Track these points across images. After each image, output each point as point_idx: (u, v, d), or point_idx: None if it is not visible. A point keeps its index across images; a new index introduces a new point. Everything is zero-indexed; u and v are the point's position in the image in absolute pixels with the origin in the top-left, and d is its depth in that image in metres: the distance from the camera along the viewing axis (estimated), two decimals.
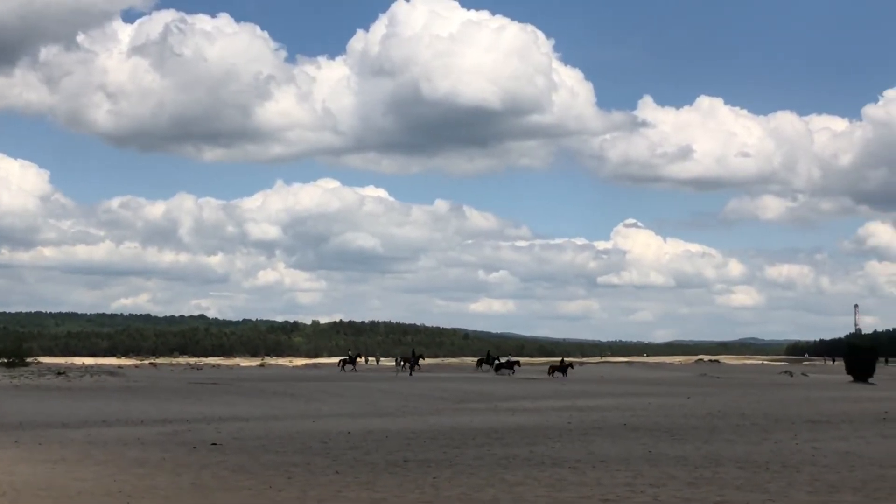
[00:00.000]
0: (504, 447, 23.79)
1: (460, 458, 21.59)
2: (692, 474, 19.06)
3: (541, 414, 35.11)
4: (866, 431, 27.55)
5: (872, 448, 23.45)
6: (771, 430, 28.06)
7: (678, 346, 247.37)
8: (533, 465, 20.55)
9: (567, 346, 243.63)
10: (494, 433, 27.30)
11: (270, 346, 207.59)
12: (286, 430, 28.77)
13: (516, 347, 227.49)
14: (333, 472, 19.61)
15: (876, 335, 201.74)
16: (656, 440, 25.38)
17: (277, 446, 24.11)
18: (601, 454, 22.26)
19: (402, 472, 19.63)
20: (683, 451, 22.81)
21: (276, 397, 45.53)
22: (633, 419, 32.07)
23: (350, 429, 28.70)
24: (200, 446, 23.98)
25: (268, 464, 20.83)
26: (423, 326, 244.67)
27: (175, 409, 37.67)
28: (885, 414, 33.79)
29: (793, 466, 20.09)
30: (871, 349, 75.40)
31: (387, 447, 23.83)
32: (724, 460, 21.15)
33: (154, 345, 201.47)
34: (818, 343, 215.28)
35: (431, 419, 32.90)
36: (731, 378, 75.87)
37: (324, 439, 25.70)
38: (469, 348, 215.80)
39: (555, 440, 25.39)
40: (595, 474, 19.11)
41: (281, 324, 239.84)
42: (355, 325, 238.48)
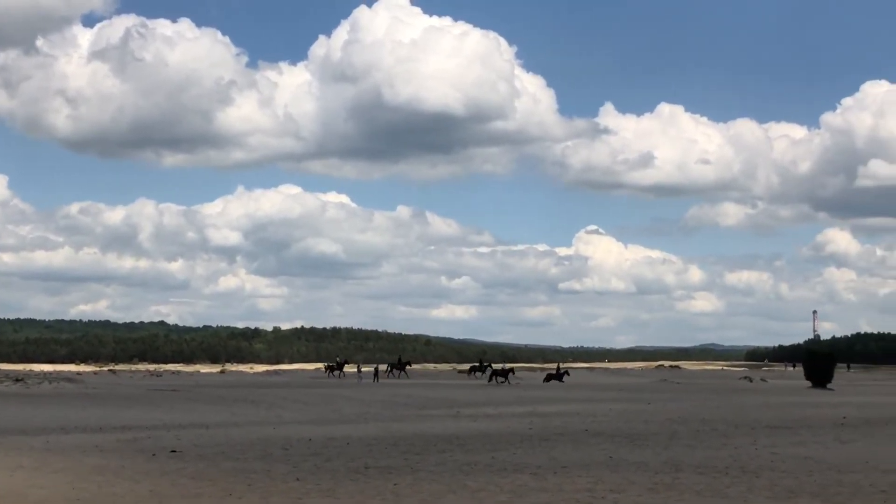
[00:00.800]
0: (465, 453, 23.79)
1: (422, 465, 21.57)
2: (652, 480, 19.14)
3: (502, 420, 35.14)
4: (825, 437, 27.77)
5: (831, 453, 23.65)
6: (730, 436, 28.22)
7: (639, 352, 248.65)
8: (494, 471, 20.57)
9: (529, 352, 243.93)
10: (456, 439, 27.29)
11: (231, 352, 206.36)
12: (247, 436, 28.64)
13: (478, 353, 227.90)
14: (294, 478, 19.54)
15: (834, 341, 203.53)
16: (617, 446, 25.47)
17: (238, 453, 23.99)
18: (562, 460, 22.32)
19: (363, 478, 19.59)
20: (644, 457, 22.90)
21: (236, 404, 45.32)
22: (594, 425, 32.16)
23: (311, 435, 28.60)
24: (160, 453, 23.82)
25: (228, 471, 20.72)
26: (385, 333, 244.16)
27: (134, 415, 37.41)
28: (844, 419, 34.08)
29: (752, 471, 20.23)
30: (829, 355, 76.04)
31: (348, 454, 23.77)
32: (684, 466, 21.26)
33: (113, 351, 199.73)
34: (777, 349, 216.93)
35: (393, 426, 32.85)
36: (691, 384, 76.28)
37: (285, 446, 25.60)
38: (431, 354, 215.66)
39: (516, 446, 25.42)
40: (556, 480, 19.15)
41: (242, 330, 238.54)
42: (317, 331, 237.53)
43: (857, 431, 29.40)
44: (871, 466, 20.91)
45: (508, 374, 74.73)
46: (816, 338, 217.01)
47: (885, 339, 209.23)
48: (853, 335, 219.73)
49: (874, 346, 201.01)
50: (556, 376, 75.47)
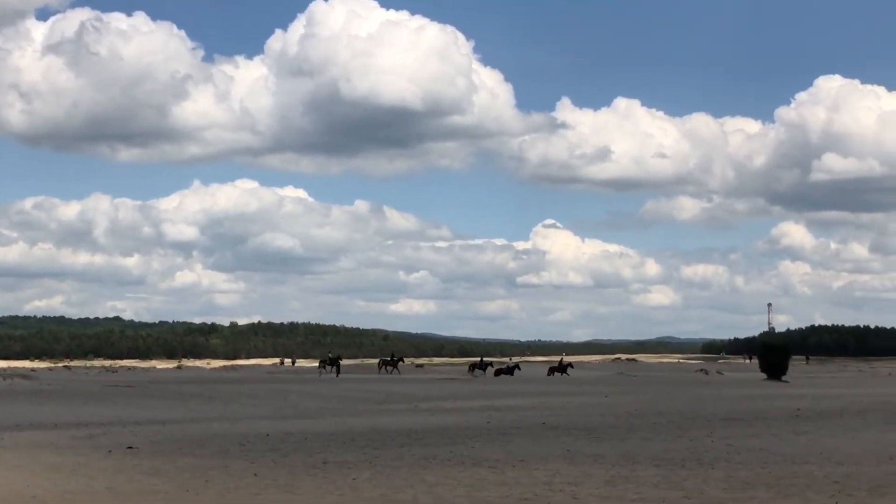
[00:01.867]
0: (424, 448, 23.81)
1: (380, 459, 21.56)
2: (609, 472, 19.24)
3: (460, 414, 35.18)
4: (779, 429, 28.01)
5: (785, 445, 23.87)
6: (686, 428, 28.41)
7: (596, 346, 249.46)
8: (453, 465, 20.60)
9: (487, 347, 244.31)
10: (414, 434, 27.30)
11: (187, 348, 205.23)
12: (203, 432, 28.49)
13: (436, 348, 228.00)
14: (252, 474, 19.47)
15: (789, 333, 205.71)
16: (574, 439, 25.57)
17: (195, 449, 23.87)
18: (520, 453, 22.38)
19: (321, 473, 19.55)
20: (601, 450, 23.01)
21: (193, 400, 45.08)
22: (552, 418, 32.27)
23: (268, 431, 28.50)
24: (116, 450, 23.65)
25: (185, 467, 20.61)
26: (342, 327, 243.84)
27: (90, 412, 37.11)
28: (798, 411, 34.40)
29: (708, 463, 20.38)
30: (783, 347, 76.65)
31: (306, 449, 23.72)
32: (640, 458, 21.38)
33: (68, 347, 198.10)
34: (732, 341, 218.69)
35: (351, 420, 32.80)
36: (648, 377, 76.69)
37: (242, 442, 25.50)
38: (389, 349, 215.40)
39: (474, 440, 25.46)
40: (514, 473, 19.21)
41: (198, 325, 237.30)
42: (274, 326, 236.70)
43: (811, 423, 29.69)
44: (825, 458, 21.13)
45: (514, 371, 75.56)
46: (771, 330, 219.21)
47: (839, 332, 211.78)
48: (807, 328, 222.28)
49: (828, 339, 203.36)
50: (559, 369, 76.73)
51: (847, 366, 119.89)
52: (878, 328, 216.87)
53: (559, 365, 78.44)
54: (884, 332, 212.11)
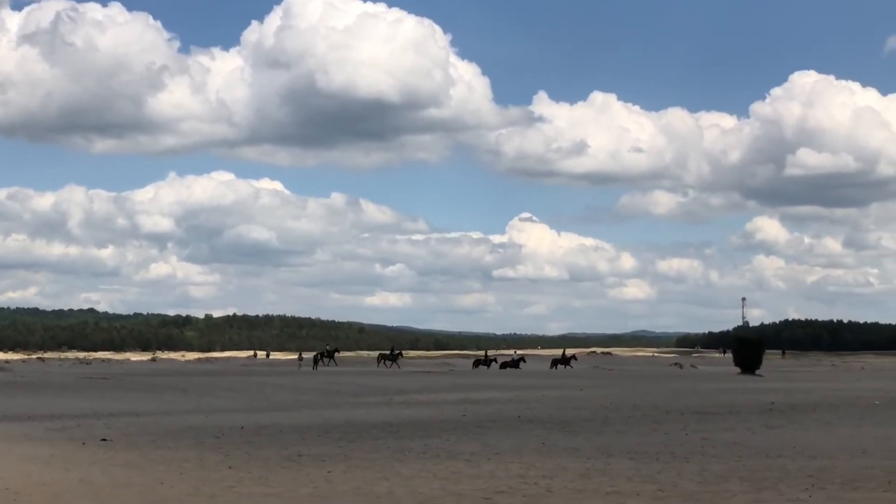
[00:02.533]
0: (399, 440, 23.82)
1: (355, 452, 21.56)
2: (584, 465, 19.30)
3: (436, 407, 35.21)
4: (753, 422, 28.16)
5: (759, 438, 24.00)
6: (661, 422, 28.53)
7: (571, 339, 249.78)
8: (428, 458, 20.61)
9: (463, 339, 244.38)
10: (389, 427, 27.31)
11: (162, 340, 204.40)
12: (178, 425, 28.42)
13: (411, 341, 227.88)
14: (226, 467, 19.43)
15: (763, 328, 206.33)
16: (549, 432, 25.64)
17: (169, 442, 23.81)
18: (495, 446, 22.42)
19: (296, 466, 19.53)
20: (576, 443, 23.08)
21: (167, 392, 44.96)
22: (527, 411, 32.35)
23: (243, 423, 28.46)
24: (90, 442, 23.56)
25: (159, 459, 20.55)
26: (318, 320, 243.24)
27: (64, 404, 36.94)
28: (771, 405, 34.59)
29: (682, 457, 20.47)
30: (757, 341, 76.99)
31: (280, 442, 23.69)
32: (615, 451, 21.46)
33: (42, 339, 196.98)
34: (707, 335, 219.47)
35: (326, 413, 32.78)
36: (623, 370, 76.95)
37: (217, 434, 25.45)
38: (365, 342, 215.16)
39: (450, 433, 25.49)
40: (489, 466, 19.24)
41: (173, 318, 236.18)
42: (249, 318, 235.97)
43: (784, 417, 29.86)
44: (798, 451, 21.26)
45: (519, 364, 77.96)
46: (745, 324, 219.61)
47: (812, 326, 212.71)
48: (781, 322, 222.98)
49: (801, 333, 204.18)
50: (562, 361, 78.56)
51: (820, 360, 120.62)
52: (850, 323, 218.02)
53: (562, 357, 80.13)
54: (856, 327, 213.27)
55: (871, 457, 20.22)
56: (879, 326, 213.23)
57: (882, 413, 31.20)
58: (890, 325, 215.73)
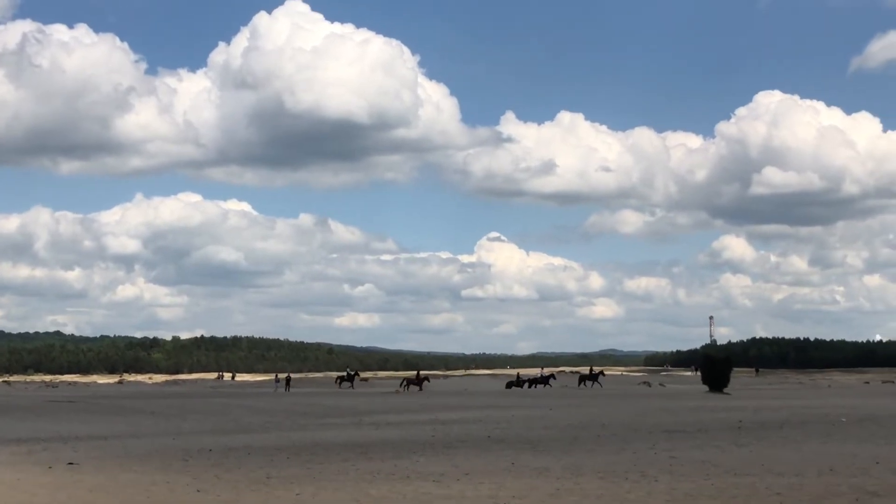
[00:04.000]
0: (368, 462, 23.75)
1: (324, 474, 21.47)
2: (554, 485, 19.30)
3: (405, 428, 35.13)
4: (721, 440, 28.25)
5: (727, 456, 24.07)
6: (630, 441, 28.57)
7: (540, 358, 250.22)
8: (397, 479, 20.56)
9: (432, 360, 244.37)
10: (358, 447, 27.23)
11: (129, 362, 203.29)
12: (145, 448, 28.23)
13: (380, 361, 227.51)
14: (195, 490, 19.31)
15: (730, 346, 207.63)
16: (519, 452, 25.62)
17: (137, 465, 23.64)
18: (465, 467, 22.39)
19: (265, 488, 19.44)
20: (545, 463, 23.08)
21: (135, 415, 44.65)
22: (497, 431, 32.33)
23: (211, 446, 28.29)
24: (57, 466, 23.36)
25: (126, 483, 20.40)
26: (286, 341, 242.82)
27: (30, 427, 36.62)
28: (740, 423, 34.71)
29: (651, 476, 20.50)
30: (725, 360, 77.31)
31: (249, 464, 23.57)
32: (584, 470, 21.47)
33: (7, 362, 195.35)
34: (675, 354, 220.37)
35: (294, 435, 32.64)
36: (592, 389, 77.03)
37: (184, 457, 25.29)
38: (334, 363, 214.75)
39: (419, 454, 25.44)
40: (459, 487, 19.21)
41: (140, 340, 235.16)
42: (217, 340, 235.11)
43: (752, 435, 29.97)
44: (766, 469, 21.34)
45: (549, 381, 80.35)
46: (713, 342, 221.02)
47: (779, 344, 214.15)
48: (748, 340, 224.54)
49: (768, 351, 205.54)
50: (590, 377, 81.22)
51: (787, 378, 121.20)
52: (817, 340, 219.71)
53: (590, 374, 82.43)
54: (823, 345, 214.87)
55: (838, 474, 20.33)
56: (846, 344, 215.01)
57: (849, 430, 31.37)
58: (856, 342, 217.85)
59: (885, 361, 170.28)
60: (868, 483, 18.85)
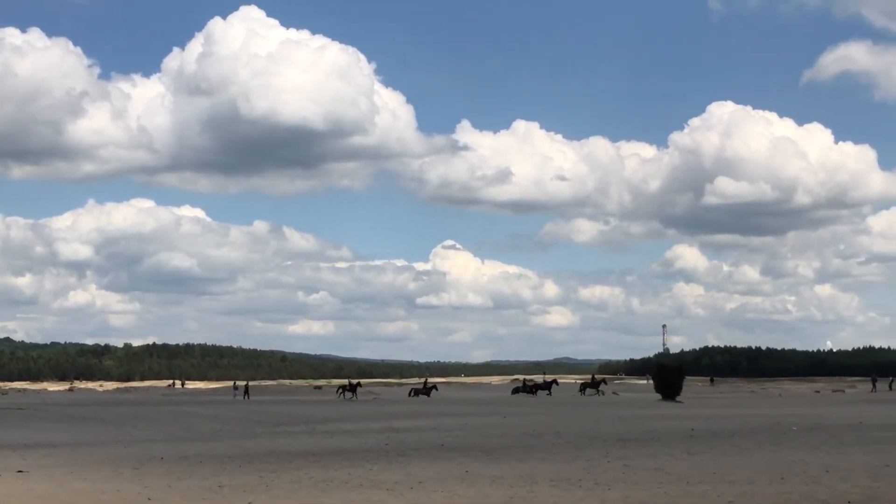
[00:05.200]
0: (322, 470, 23.64)
1: (277, 483, 21.35)
2: (508, 493, 19.30)
3: (359, 436, 35.04)
4: (674, 448, 28.39)
5: (680, 465, 24.18)
6: (584, 449, 28.64)
7: (495, 366, 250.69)
8: (351, 487, 20.48)
9: (386, 367, 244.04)
10: (312, 456, 27.11)
11: (80, 369, 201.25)
12: (96, 456, 27.96)
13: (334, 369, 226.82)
14: (146, 498, 19.14)
15: (683, 354, 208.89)
16: (473, 460, 25.62)
17: (87, 473, 23.40)
18: (419, 475, 22.34)
19: (217, 497, 19.29)
20: (499, 471, 23.08)
21: (85, 422, 44.22)
22: (451, 439, 32.31)
23: (163, 454, 28.06)
24: (6, 474, 23.07)
25: (77, 491, 20.19)
26: (240, 349, 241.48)
27: None
28: (692, 431, 34.91)
29: (605, 484, 20.55)
30: (678, 368, 77.83)
31: (201, 472, 23.39)
32: (538, 478, 21.49)
33: None
34: (628, 362, 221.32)
35: (247, 443, 32.45)
36: (546, 397, 77.23)
37: (136, 465, 25.06)
38: (287, 370, 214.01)
39: (373, 462, 25.37)
40: (412, 496, 19.17)
41: (91, 347, 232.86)
42: (169, 347, 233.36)
43: (704, 443, 30.14)
44: (718, 477, 21.45)
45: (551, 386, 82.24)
46: (666, 351, 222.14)
47: (731, 353, 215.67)
48: (701, 348, 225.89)
49: (720, 360, 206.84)
50: (591, 385, 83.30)
51: (739, 386, 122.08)
52: (768, 349, 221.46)
53: (591, 381, 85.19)
54: (774, 354, 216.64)
55: (789, 482, 20.48)
56: (797, 353, 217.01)
57: (800, 439, 31.63)
58: (807, 351, 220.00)
59: (836, 370, 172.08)
60: (818, 491, 19.01)
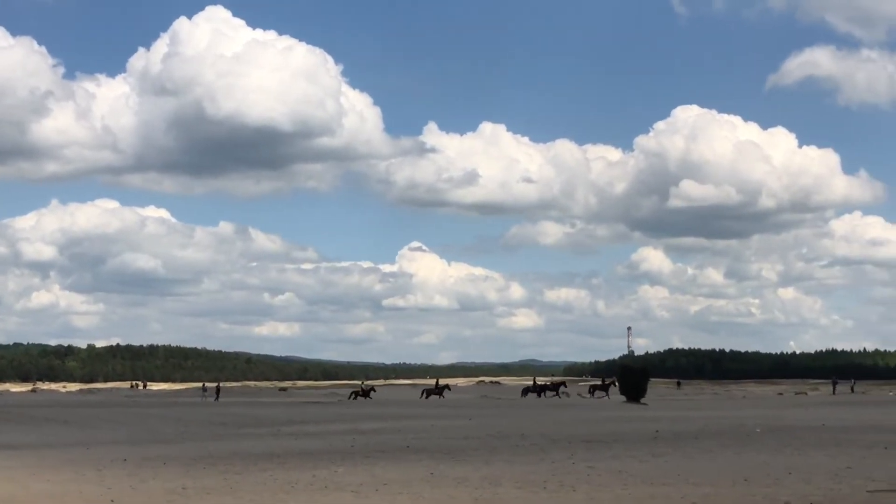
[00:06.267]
0: (286, 472, 23.56)
1: (241, 485, 21.25)
2: (473, 495, 19.30)
3: (323, 438, 34.94)
4: (638, 450, 28.47)
5: (644, 466, 24.26)
6: (548, 450, 28.68)
7: (460, 368, 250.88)
8: (315, 489, 20.42)
9: (352, 369, 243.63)
10: (276, 458, 27.01)
11: (43, 370, 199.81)
12: (59, 457, 27.74)
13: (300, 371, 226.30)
14: (109, 500, 19.00)
15: (647, 356, 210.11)
16: (438, 462, 25.60)
17: (50, 475, 23.20)
18: (383, 477, 22.30)
19: (180, 499, 19.18)
20: (464, 473, 23.08)
21: (47, 424, 43.88)
22: (416, 441, 32.28)
23: (126, 456, 27.87)
24: None
25: (39, 493, 20.02)
26: (204, 350, 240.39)
27: None
28: (656, 433, 35.03)
29: (569, 486, 20.59)
30: (642, 370, 78.20)
31: (164, 474, 23.25)
32: (503, 481, 21.50)
33: None
34: (594, 364, 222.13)
35: (211, 445, 32.29)
36: (512, 399, 77.33)
37: (98, 467, 24.88)
38: (252, 372, 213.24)
39: (337, 464, 25.30)
40: (377, 498, 19.13)
41: (54, 348, 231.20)
42: (133, 348, 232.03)
43: (668, 445, 30.25)
44: (682, 479, 21.54)
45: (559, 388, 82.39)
46: (631, 353, 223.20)
47: (695, 355, 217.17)
48: (665, 351, 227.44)
49: (685, 362, 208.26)
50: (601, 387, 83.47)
51: (703, 388, 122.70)
52: (732, 352, 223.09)
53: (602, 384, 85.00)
54: (738, 356, 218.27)
55: (752, 484, 20.59)
56: (760, 355, 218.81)
57: (763, 441, 31.81)
58: (770, 354, 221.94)
59: (799, 373, 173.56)
60: (781, 493, 19.12)
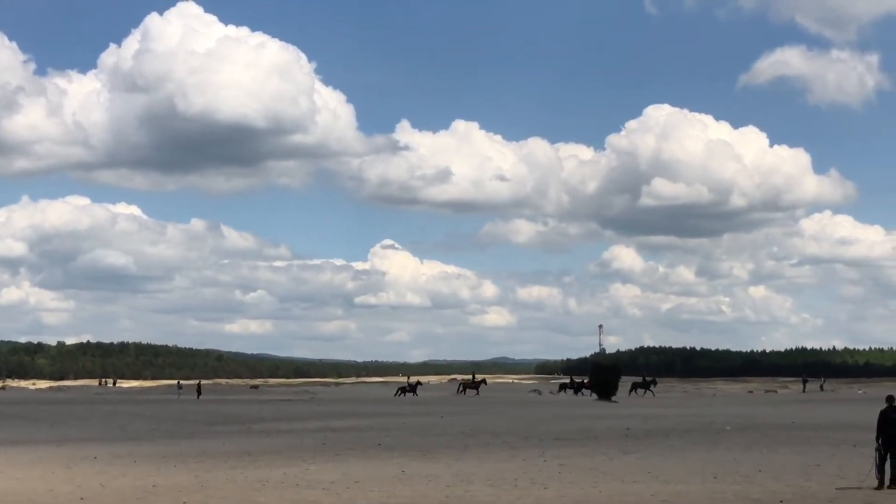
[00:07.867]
0: (257, 470, 23.51)
1: (212, 482, 21.19)
2: (444, 492, 19.32)
3: (295, 436, 34.88)
4: (609, 448, 28.58)
5: (615, 464, 24.36)
6: (520, 448, 28.75)
7: (433, 366, 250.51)
8: (286, 487, 20.38)
9: (324, 367, 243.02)
10: (247, 456, 26.94)
11: (12, 368, 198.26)
12: (28, 455, 27.58)
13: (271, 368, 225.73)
14: (78, 498, 18.91)
15: (619, 354, 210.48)
16: (410, 460, 25.61)
17: (18, 472, 23.08)
18: (355, 475, 22.29)
19: (151, 497, 19.11)
20: (436, 470, 23.10)
21: (17, 421, 43.60)
22: (388, 439, 32.27)
23: (96, 453, 27.74)
24: None
25: (7, 490, 19.92)
26: (175, 348, 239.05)
27: None
28: (627, 431, 35.16)
29: (541, 483, 20.64)
30: (614, 368, 78.33)
31: (135, 472, 23.16)
32: (474, 478, 21.53)
33: None
34: (565, 362, 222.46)
35: (181, 443, 32.17)
36: (483, 397, 77.39)
37: (68, 465, 24.75)
38: (223, 370, 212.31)
39: (309, 462, 25.27)
40: (349, 495, 19.12)
41: (24, 345, 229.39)
42: (104, 346, 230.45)
43: (639, 443, 30.38)
44: (653, 476, 21.64)
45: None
46: (602, 351, 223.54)
47: (666, 353, 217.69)
48: (637, 349, 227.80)
49: (656, 360, 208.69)
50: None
51: (674, 386, 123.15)
52: (703, 350, 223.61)
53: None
54: (708, 354, 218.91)
55: (722, 481, 20.71)
56: (730, 353, 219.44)
57: (732, 438, 31.98)
58: (740, 352, 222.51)
59: (769, 371, 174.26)
60: (751, 490, 19.24)
